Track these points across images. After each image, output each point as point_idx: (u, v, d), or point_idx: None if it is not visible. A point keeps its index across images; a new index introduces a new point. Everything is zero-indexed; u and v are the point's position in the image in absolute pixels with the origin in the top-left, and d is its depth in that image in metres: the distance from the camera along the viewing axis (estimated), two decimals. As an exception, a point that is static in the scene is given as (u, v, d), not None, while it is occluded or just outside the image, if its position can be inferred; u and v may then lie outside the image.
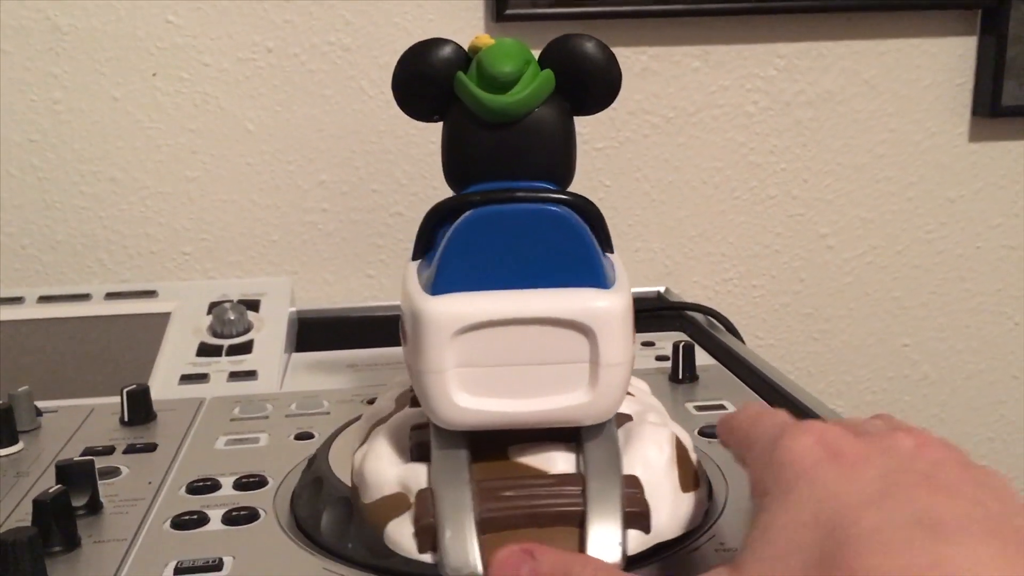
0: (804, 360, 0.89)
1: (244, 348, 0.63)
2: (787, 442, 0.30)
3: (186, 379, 0.59)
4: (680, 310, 0.74)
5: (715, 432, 0.46)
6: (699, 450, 0.43)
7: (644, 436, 0.37)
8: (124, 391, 0.52)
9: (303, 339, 0.71)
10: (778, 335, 0.88)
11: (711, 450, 0.45)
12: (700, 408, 0.52)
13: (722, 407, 0.52)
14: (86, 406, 0.55)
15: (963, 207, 0.87)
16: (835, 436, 0.29)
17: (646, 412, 0.41)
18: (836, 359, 0.89)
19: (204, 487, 0.43)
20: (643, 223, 0.84)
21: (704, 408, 0.52)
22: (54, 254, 0.78)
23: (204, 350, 0.62)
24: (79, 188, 0.78)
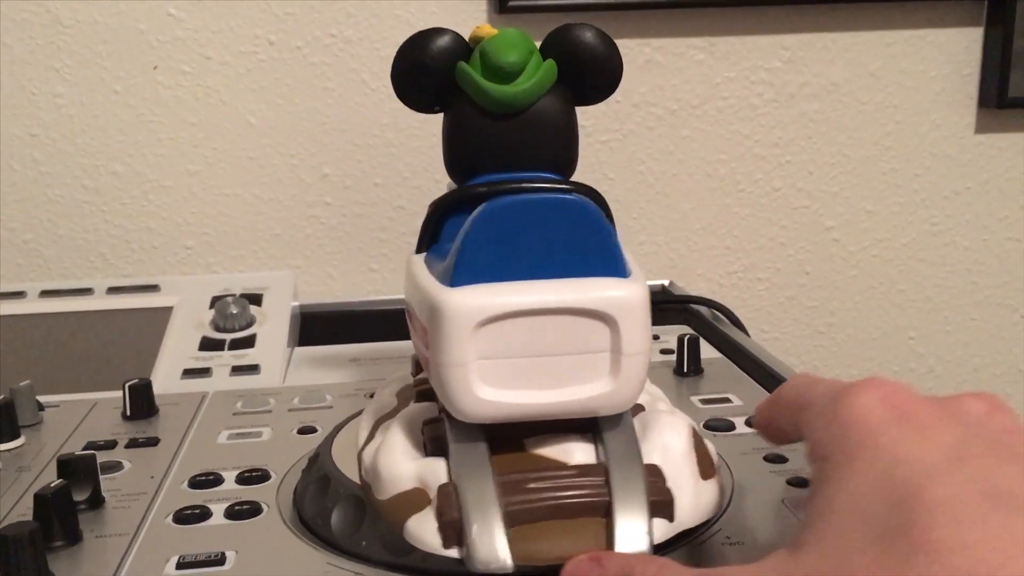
0: (809, 353, 0.88)
1: (246, 342, 0.62)
2: (850, 399, 0.28)
3: (188, 373, 0.59)
4: (685, 303, 0.74)
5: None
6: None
7: (661, 424, 0.37)
8: (126, 385, 0.52)
9: (306, 333, 0.71)
10: (783, 328, 0.88)
11: (716, 443, 0.44)
12: (705, 401, 0.52)
13: (727, 400, 0.52)
14: (88, 400, 0.55)
15: (969, 199, 0.87)
16: (904, 396, 0.28)
17: (656, 401, 0.41)
18: (841, 352, 0.89)
19: (206, 481, 0.43)
20: (647, 216, 0.84)
21: (709, 401, 0.52)
22: (56, 248, 0.78)
23: (206, 344, 0.62)
24: (81, 182, 0.77)
